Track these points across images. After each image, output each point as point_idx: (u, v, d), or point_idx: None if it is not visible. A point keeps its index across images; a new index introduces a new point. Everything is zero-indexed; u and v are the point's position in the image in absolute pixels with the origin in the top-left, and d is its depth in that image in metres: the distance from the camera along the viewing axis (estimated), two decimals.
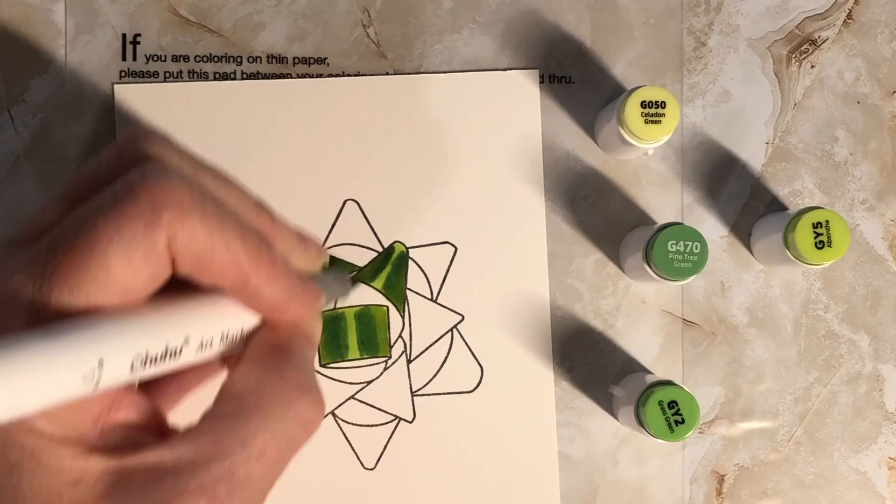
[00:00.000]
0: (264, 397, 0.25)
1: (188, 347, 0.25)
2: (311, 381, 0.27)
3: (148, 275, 0.24)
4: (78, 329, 0.22)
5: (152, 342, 0.24)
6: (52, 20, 0.41)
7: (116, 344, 0.23)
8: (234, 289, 0.27)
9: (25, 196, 0.40)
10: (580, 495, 0.41)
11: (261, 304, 0.28)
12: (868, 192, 0.42)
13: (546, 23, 0.42)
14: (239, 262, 0.26)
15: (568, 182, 0.42)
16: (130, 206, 0.24)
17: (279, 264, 0.27)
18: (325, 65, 0.41)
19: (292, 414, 0.26)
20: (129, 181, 0.25)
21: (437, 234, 0.41)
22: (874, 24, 0.43)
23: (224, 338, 0.27)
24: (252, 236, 0.26)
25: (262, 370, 0.27)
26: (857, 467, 0.42)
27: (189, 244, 0.24)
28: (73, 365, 0.22)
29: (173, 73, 0.41)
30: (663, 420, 0.36)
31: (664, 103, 0.37)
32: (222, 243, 0.25)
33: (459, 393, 0.41)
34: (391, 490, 0.40)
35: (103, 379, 0.22)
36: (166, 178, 0.25)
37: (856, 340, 0.42)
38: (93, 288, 0.23)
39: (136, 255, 0.24)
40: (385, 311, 0.41)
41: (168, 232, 0.24)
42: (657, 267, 0.37)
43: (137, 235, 0.24)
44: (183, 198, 0.24)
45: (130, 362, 0.23)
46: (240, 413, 0.25)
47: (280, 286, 0.27)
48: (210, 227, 0.25)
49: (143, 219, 0.24)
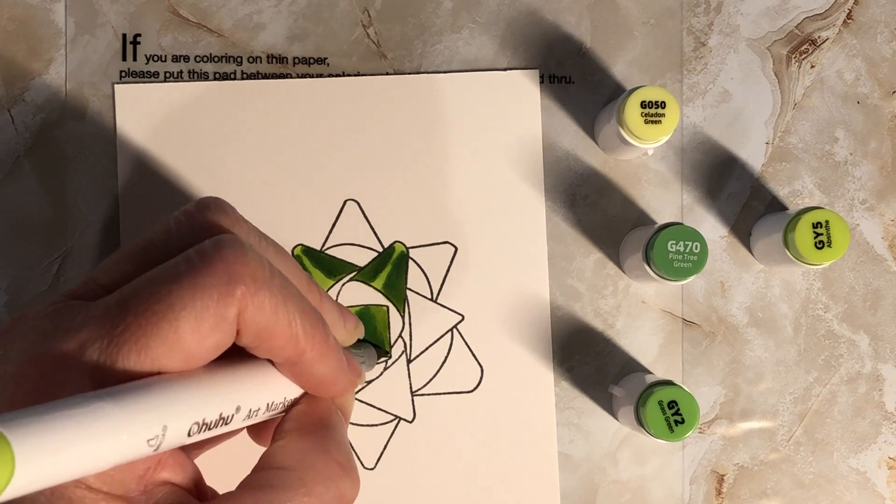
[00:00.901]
0: (307, 473, 0.26)
1: (238, 415, 0.26)
2: (351, 460, 0.28)
3: (214, 344, 0.25)
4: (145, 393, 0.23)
5: (209, 410, 0.25)
6: (52, 20, 0.41)
7: (180, 410, 0.23)
8: (287, 363, 0.27)
9: (25, 196, 0.40)
10: (580, 495, 0.41)
11: (310, 380, 0.28)
12: (868, 192, 0.42)
13: (546, 23, 0.42)
14: (297, 338, 0.26)
15: (568, 182, 0.42)
16: (206, 276, 0.24)
17: (331, 342, 0.28)
18: (325, 65, 0.41)
19: (332, 492, 0.26)
20: (206, 251, 0.25)
21: (437, 234, 0.41)
22: (874, 24, 0.43)
23: (269, 408, 0.28)
24: (311, 313, 0.27)
25: (306, 445, 0.27)
26: (856, 467, 0.42)
27: (257, 318, 0.25)
28: (140, 429, 0.22)
29: (173, 73, 0.41)
30: (663, 420, 0.36)
31: (664, 103, 0.37)
32: (285, 319, 0.26)
33: (459, 393, 0.41)
34: (391, 490, 0.40)
35: (164, 443, 0.23)
36: (242, 251, 0.25)
37: (855, 340, 0.42)
38: (160, 352, 0.24)
39: (206, 325, 0.24)
40: (385, 311, 0.41)
41: (240, 305, 0.24)
42: (657, 267, 0.37)
43: (210, 306, 0.24)
44: (256, 272, 0.25)
45: (189, 428, 0.24)
46: (283, 486, 0.25)
47: (330, 364, 0.28)
48: (276, 303, 0.25)
49: (217, 290, 0.24)
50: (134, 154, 0.40)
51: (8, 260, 0.40)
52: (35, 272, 0.40)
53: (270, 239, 0.29)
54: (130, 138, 0.40)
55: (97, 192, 0.40)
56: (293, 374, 0.28)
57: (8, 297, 0.40)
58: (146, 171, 0.40)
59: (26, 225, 0.40)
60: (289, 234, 0.41)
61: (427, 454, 0.41)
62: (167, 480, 0.25)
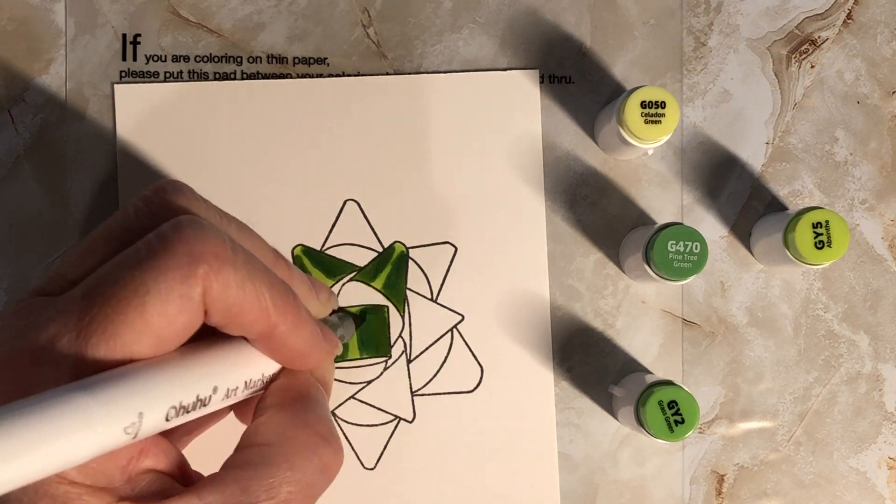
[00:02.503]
0: (288, 447, 0.26)
1: (216, 396, 0.26)
2: (331, 430, 0.27)
3: (182, 325, 0.25)
4: (118, 381, 0.23)
5: (185, 393, 0.25)
6: (52, 20, 0.41)
7: (154, 396, 0.23)
8: (261, 338, 0.27)
9: (25, 196, 0.40)
10: (580, 495, 0.41)
11: (285, 353, 0.28)
12: (868, 192, 0.42)
13: (546, 23, 0.42)
14: (267, 311, 0.26)
15: (568, 182, 0.42)
16: (168, 258, 0.24)
17: (303, 313, 0.28)
18: (325, 65, 0.41)
19: (316, 462, 0.26)
20: (165, 233, 0.25)
21: (437, 234, 0.41)
22: (874, 25, 0.43)
23: (247, 385, 0.28)
24: (279, 286, 0.27)
25: (285, 420, 0.27)
26: (856, 467, 0.42)
27: (223, 295, 0.25)
28: (115, 418, 0.22)
29: (173, 73, 0.41)
30: (663, 420, 0.36)
31: (664, 103, 0.37)
32: (253, 294, 0.26)
33: (459, 393, 0.41)
34: (391, 490, 0.40)
35: (141, 430, 0.23)
36: (201, 230, 0.25)
37: (855, 340, 0.42)
38: (130, 338, 0.24)
39: (172, 307, 0.24)
40: (385, 311, 0.41)
41: (204, 283, 0.24)
42: (657, 267, 0.37)
43: (175, 287, 0.24)
44: (217, 250, 0.25)
45: (166, 413, 0.24)
46: (265, 462, 0.25)
47: (304, 335, 0.28)
48: (242, 278, 0.25)
49: (180, 271, 0.24)
50: (134, 154, 0.40)
51: (8, 260, 0.40)
52: (35, 272, 0.40)
53: (232, 216, 0.29)
54: (130, 138, 0.40)
55: (97, 192, 0.40)
56: (268, 348, 0.28)
57: (8, 297, 0.40)
58: (146, 171, 0.40)
59: (26, 225, 0.40)
60: (289, 234, 0.41)
61: (427, 454, 0.41)
62: (151, 468, 0.25)
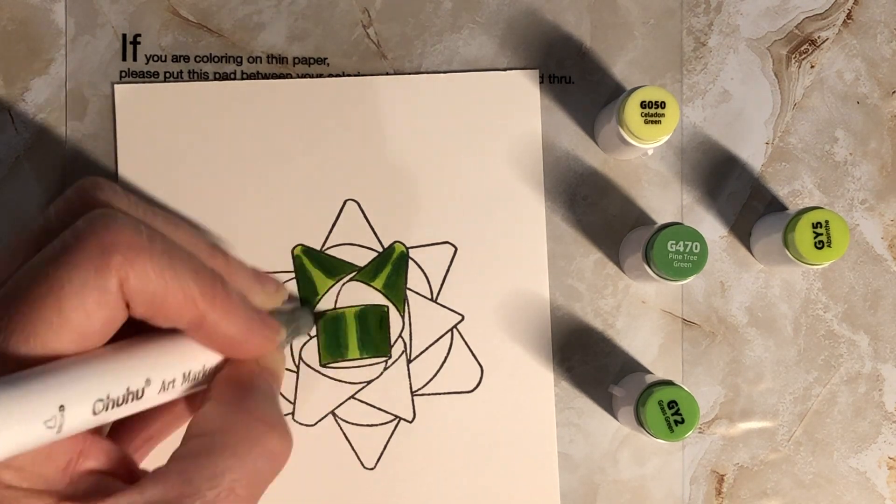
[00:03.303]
0: (231, 435, 0.25)
1: (150, 389, 0.26)
2: (277, 416, 0.27)
3: (103, 319, 0.24)
4: (37, 376, 0.22)
5: (113, 385, 0.24)
6: (52, 20, 0.41)
7: (77, 389, 0.23)
8: (192, 327, 0.27)
9: (25, 196, 0.40)
10: (580, 495, 0.41)
11: (220, 342, 0.28)
12: (868, 192, 0.42)
13: (546, 23, 0.42)
14: (193, 299, 0.26)
15: (568, 182, 0.42)
16: (79, 252, 0.24)
17: (235, 300, 0.27)
18: (325, 65, 0.41)
19: (260, 449, 0.26)
20: (77, 228, 0.25)
21: (437, 234, 0.41)
22: (874, 25, 0.43)
23: (186, 378, 0.27)
24: (205, 273, 0.26)
25: (227, 408, 0.27)
26: (856, 467, 0.42)
27: (141, 285, 0.25)
28: (34, 412, 0.22)
29: (173, 73, 0.41)
30: (663, 420, 0.36)
31: (664, 103, 0.37)
32: (175, 282, 0.25)
33: (459, 393, 0.41)
34: (391, 490, 0.40)
35: (66, 424, 0.23)
36: (113, 221, 0.25)
37: (855, 340, 0.42)
38: (49, 335, 0.23)
39: (89, 300, 0.24)
40: (385, 311, 0.41)
41: (119, 274, 0.24)
42: (657, 267, 0.37)
43: (89, 280, 0.24)
44: (131, 240, 0.25)
45: (92, 406, 0.23)
46: (207, 452, 0.25)
47: (237, 322, 0.27)
48: (161, 267, 0.25)
49: (92, 263, 0.24)
50: (134, 154, 0.40)
51: None
52: None
53: (159, 210, 0.29)
54: (130, 138, 0.40)
55: None
56: (201, 338, 0.27)
57: None
58: (146, 171, 0.40)
59: (26, 225, 0.40)
60: (289, 234, 0.41)
61: (427, 454, 0.41)
62: (93, 469, 0.25)
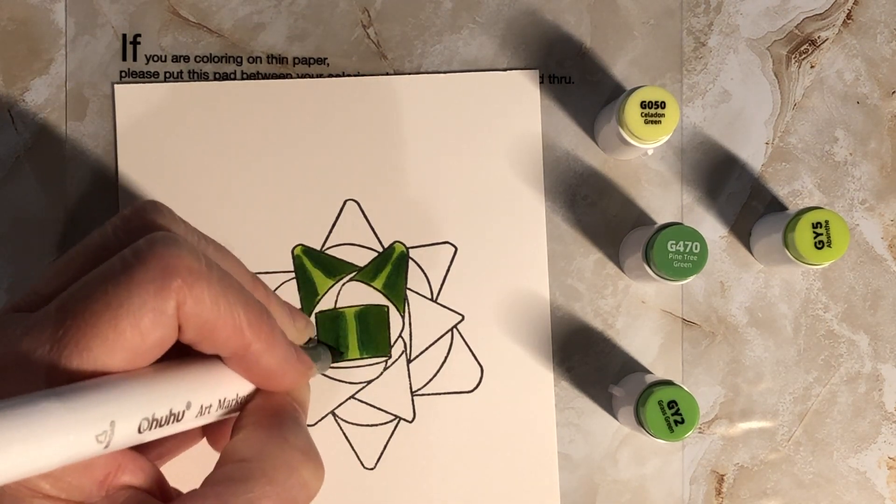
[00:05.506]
0: (268, 462, 0.26)
1: (189, 412, 0.26)
2: (311, 447, 0.27)
3: (156, 340, 0.25)
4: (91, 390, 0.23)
5: (158, 406, 0.25)
6: (52, 20, 0.41)
7: (127, 406, 0.24)
8: (235, 356, 0.27)
9: (25, 196, 0.40)
10: (580, 495, 0.41)
11: (259, 372, 0.28)
12: (868, 192, 0.42)
13: (546, 23, 0.42)
14: (242, 330, 0.26)
15: (568, 182, 0.42)
16: (141, 272, 0.24)
17: (278, 333, 0.28)
18: (325, 65, 0.41)
19: (295, 479, 0.26)
20: (139, 248, 0.25)
21: (437, 234, 0.41)
22: (874, 25, 0.43)
23: (221, 404, 0.28)
24: (254, 304, 0.27)
25: (263, 436, 0.27)
26: (856, 467, 0.42)
27: (197, 310, 0.25)
28: (87, 425, 0.22)
29: (173, 73, 0.41)
30: (663, 420, 0.37)
31: (664, 103, 0.37)
32: (227, 311, 0.26)
33: (459, 393, 0.41)
34: (391, 490, 0.40)
35: (114, 440, 0.23)
36: (175, 245, 0.25)
37: (855, 340, 0.42)
38: (103, 351, 0.24)
39: (145, 320, 0.24)
40: (385, 311, 0.41)
41: (178, 297, 0.24)
42: (657, 267, 0.37)
43: (148, 301, 0.24)
44: (191, 265, 0.25)
45: (139, 424, 0.24)
46: (244, 478, 0.25)
47: (278, 355, 0.28)
48: (216, 294, 0.25)
49: (153, 285, 0.24)
50: (134, 154, 0.40)
51: (8, 260, 0.40)
52: (35, 272, 0.40)
53: (210, 238, 0.29)
54: (130, 138, 0.40)
55: (97, 192, 0.40)
56: (242, 367, 0.28)
57: (8, 297, 0.40)
58: (146, 171, 0.40)
59: (26, 225, 0.40)
60: (289, 234, 0.41)
61: (427, 454, 0.41)
62: (128, 484, 0.25)
